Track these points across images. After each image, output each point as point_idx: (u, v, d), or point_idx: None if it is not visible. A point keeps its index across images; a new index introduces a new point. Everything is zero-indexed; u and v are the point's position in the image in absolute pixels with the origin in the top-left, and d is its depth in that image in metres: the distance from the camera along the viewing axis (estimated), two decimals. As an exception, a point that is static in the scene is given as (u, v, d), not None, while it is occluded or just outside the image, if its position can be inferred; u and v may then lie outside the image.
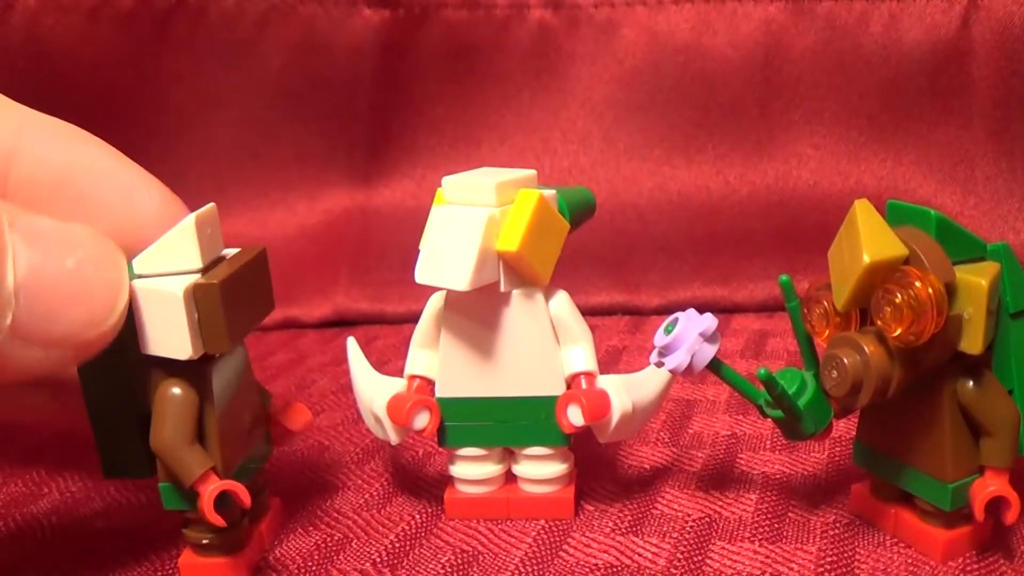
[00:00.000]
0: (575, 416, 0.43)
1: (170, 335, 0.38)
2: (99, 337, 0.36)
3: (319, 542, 0.45)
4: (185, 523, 0.42)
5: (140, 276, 0.39)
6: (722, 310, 0.75)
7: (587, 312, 0.45)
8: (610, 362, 0.66)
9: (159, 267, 0.39)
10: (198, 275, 0.39)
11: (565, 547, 0.43)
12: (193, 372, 0.39)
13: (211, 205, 0.41)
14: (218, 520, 0.39)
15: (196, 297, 0.38)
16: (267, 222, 0.81)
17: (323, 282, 0.79)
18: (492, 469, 0.46)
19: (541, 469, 0.45)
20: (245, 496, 0.39)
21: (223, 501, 0.39)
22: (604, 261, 0.77)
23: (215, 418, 0.40)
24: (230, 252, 0.42)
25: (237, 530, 0.42)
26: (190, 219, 0.39)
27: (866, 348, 0.37)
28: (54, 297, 0.35)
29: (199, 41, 0.76)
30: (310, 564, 0.43)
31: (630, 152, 0.79)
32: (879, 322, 0.37)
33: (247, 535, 0.43)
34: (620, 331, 0.73)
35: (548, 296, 0.44)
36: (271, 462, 0.47)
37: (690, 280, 0.76)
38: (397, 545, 0.44)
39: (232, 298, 0.38)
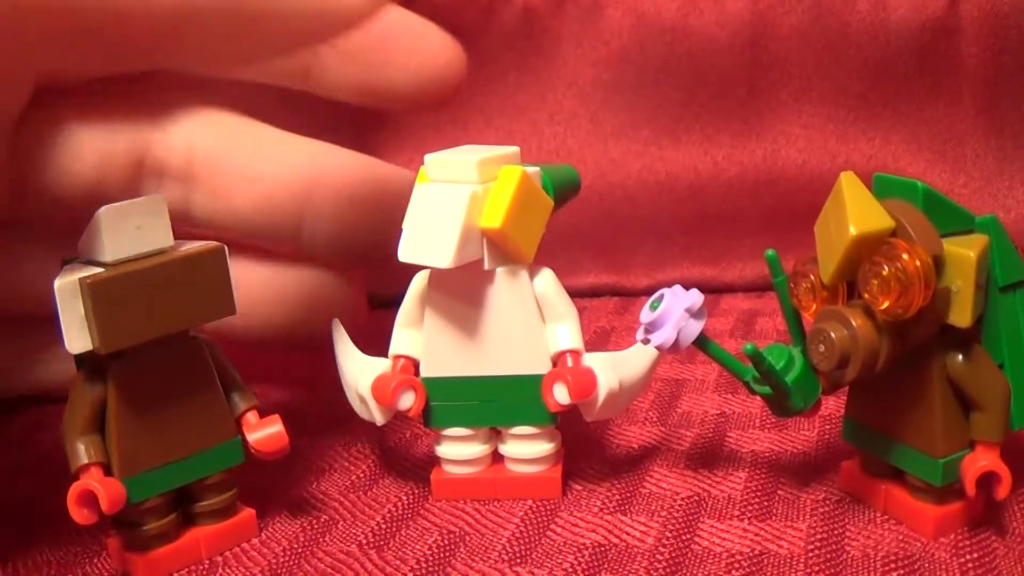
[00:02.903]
0: (561, 394, 0.43)
1: (64, 326, 0.38)
2: None
3: (305, 524, 0.45)
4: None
5: (69, 261, 0.39)
6: (711, 290, 0.75)
7: (575, 294, 0.45)
8: (599, 343, 0.65)
9: (86, 255, 0.39)
10: (102, 269, 0.38)
11: (553, 527, 0.43)
12: (96, 366, 0.40)
13: (150, 197, 0.40)
14: (78, 515, 0.38)
15: (82, 293, 0.37)
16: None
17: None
18: (478, 449, 0.46)
19: (528, 449, 0.45)
20: (104, 500, 0.38)
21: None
22: (592, 242, 0.77)
23: (115, 415, 0.39)
24: (189, 246, 0.41)
25: (137, 530, 0.41)
26: (98, 212, 0.38)
27: (853, 322, 0.37)
28: None
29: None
30: (295, 546, 0.43)
31: (617, 133, 0.79)
32: (866, 295, 0.37)
33: (163, 538, 0.41)
34: (609, 312, 0.72)
35: (533, 274, 0.43)
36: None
37: (679, 261, 0.76)
38: (383, 527, 0.44)
39: (119, 297, 0.38)
